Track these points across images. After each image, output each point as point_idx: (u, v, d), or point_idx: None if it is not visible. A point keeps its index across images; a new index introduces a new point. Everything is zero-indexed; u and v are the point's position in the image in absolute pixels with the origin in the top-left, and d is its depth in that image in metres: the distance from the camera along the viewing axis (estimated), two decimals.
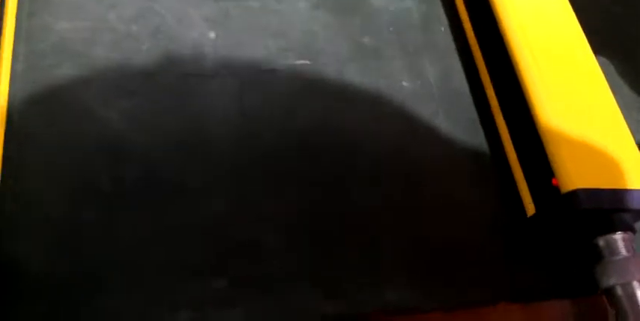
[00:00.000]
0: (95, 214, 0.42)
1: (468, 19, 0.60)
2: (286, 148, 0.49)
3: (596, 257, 0.49)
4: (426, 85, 0.55)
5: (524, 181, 0.53)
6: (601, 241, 0.49)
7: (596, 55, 0.55)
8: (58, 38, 0.46)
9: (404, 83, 0.55)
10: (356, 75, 0.54)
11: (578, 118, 0.52)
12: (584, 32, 0.56)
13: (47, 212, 0.41)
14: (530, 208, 0.52)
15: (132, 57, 0.47)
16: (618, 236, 0.48)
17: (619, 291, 0.47)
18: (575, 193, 0.47)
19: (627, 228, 0.49)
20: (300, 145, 0.49)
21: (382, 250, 0.47)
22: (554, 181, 0.49)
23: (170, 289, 0.41)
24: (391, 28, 0.58)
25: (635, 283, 0.46)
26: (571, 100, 0.53)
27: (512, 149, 0.54)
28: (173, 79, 0.48)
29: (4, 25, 0.42)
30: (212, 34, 0.51)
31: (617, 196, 0.48)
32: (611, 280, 0.47)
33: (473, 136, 0.55)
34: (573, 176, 0.48)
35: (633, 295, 0.46)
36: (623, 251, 0.48)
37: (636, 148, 0.52)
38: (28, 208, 0.41)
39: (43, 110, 0.45)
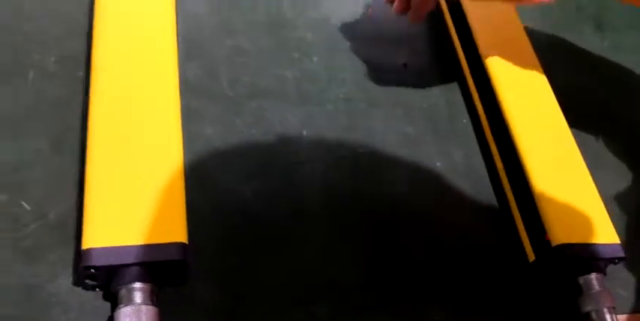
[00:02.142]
0: (239, 260, 0.62)
1: (483, 112, 0.80)
2: (355, 216, 0.68)
3: (578, 291, 0.66)
4: (454, 164, 0.75)
5: (526, 234, 0.72)
6: (581, 280, 0.66)
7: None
8: (205, 139, 0.67)
9: (438, 164, 0.75)
10: (403, 158, 0.73)
11: (563, 188, 0.70)
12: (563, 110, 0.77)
13: (208, 260, 0.61)
14: (531, 256, 0.70)
15: (252, 151, 0.67)
16: (593, 276, 0.65)
17: (593, 316, 0.64)
18: (561, 246, 0.65)
19: (599, 271, 0.66)
20: (365, 212, 0.68)
21: (426, 290, 0.66)
22: (546, 236, 0.68)
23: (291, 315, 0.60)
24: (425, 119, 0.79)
25: (604, 310, 0.63)
26: (556, 173, 0.71)
27: (517, 211, 0.72)
28: (279, 165, 0.68)
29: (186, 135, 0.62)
30: (304, 132, 0.71)
31: (593, 249, 0.66)
32: (587, 307, 0.65)
33: (488, 202, 0.74)
34: (560, 233, 0.66)
35: (603, 319, 0.64)
36: (597, 287, 0.65)
37: (605, 211, 0.71)
38: (197, 257, 0.59)
39: (195, 187, 0.63)
